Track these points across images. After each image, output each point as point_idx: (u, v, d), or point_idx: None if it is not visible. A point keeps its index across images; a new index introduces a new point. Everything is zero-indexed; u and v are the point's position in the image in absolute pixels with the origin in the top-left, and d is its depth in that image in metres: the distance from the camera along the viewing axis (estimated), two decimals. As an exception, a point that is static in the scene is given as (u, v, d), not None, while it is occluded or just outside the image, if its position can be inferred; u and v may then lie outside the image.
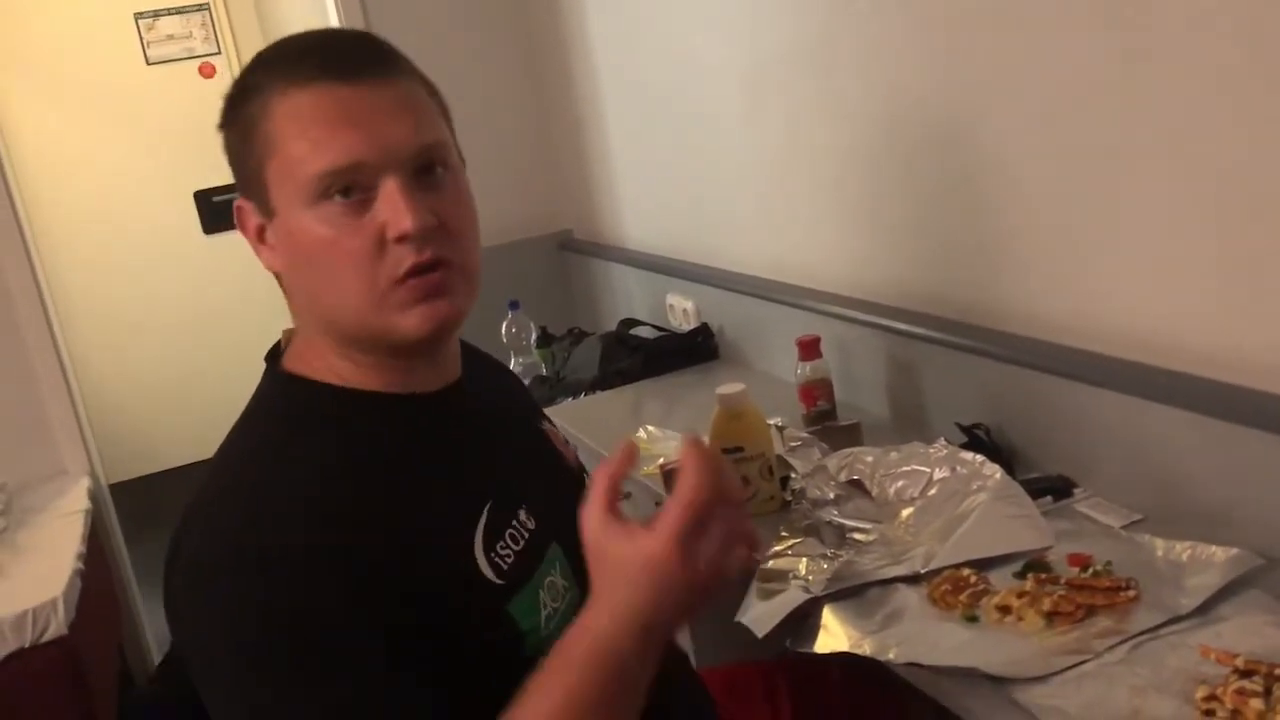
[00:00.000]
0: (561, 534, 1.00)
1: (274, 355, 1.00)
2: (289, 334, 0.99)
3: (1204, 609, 1.13)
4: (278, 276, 0.96)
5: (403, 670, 0.82)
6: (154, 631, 3.02)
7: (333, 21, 2.90)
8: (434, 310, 0.90)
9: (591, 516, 0.82)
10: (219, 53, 4.53)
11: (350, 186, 0.87)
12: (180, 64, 4.47)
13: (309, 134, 0.86)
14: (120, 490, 3.39)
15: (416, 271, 0.88)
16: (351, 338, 0.93)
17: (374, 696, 0.81)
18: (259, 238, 0.94)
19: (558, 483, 1.09)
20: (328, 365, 0.95)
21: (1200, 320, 1.31)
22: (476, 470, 0.98)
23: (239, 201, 0.94)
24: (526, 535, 0.96)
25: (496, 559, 0.93)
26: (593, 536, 0.83)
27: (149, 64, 4.47)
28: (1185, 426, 1.30)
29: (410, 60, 0.94)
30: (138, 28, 4.47)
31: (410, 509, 0.89)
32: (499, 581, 0.92)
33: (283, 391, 0.96)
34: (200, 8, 4.54)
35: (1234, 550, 1.20)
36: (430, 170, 0.90)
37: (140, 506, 3.66)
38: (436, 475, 0.94)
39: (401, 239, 0.87)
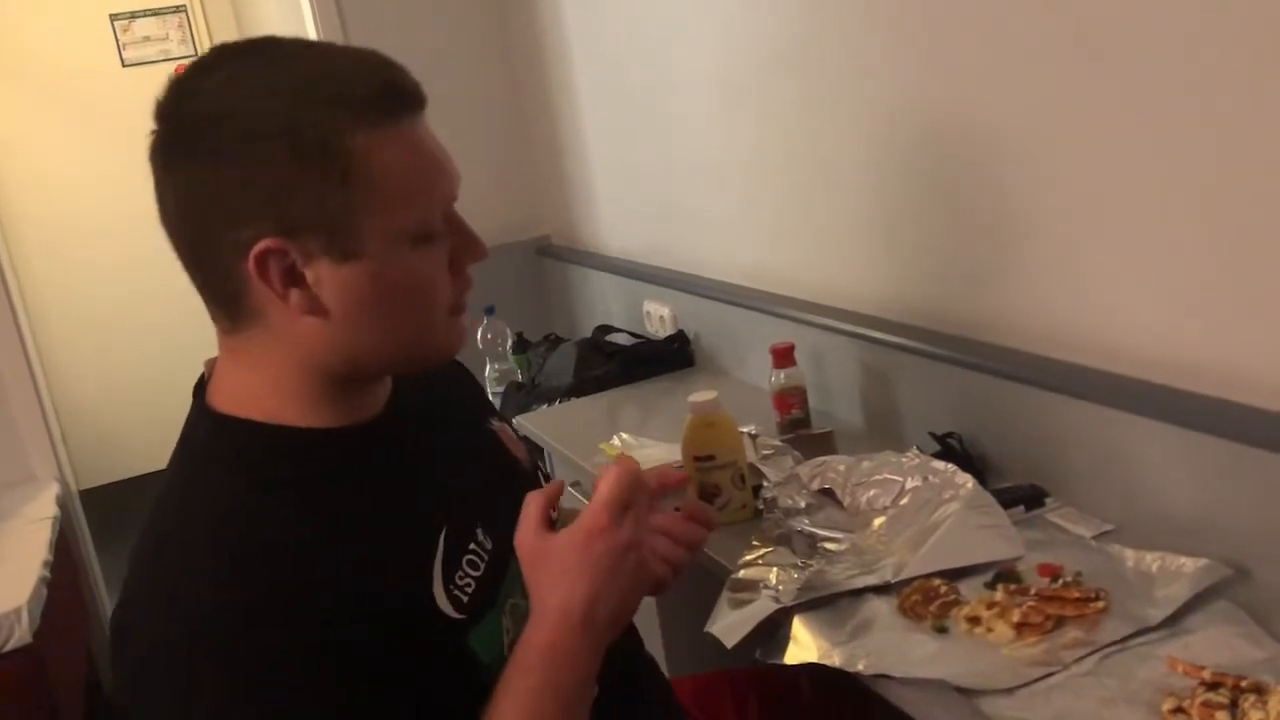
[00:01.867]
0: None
1: (200, 387, 0.94)
2: (212, 364, 0.94)
3: (1173, 620, 1.13)
4: (226, 324, 0.89)
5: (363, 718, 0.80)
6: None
7: (309, 24, 2.88)
8: (464, 327, 0.94)
9: (528, 530, 0.88)
10: (195, 55, 4.49)
11: (442, 222, 0.88)
12: (156, 66, 4.44)
13: (421, 175, 0.86)
14: (91, 496, 3.35)
15: None
16: (369, 371, 0.91)
17: None
18: (289, 281, 0.83)
19: (512, 490, 1.06)
20: (274, 405, 0.89)
21: (1173, 331, 1.31)
22: (428, 494, 0.95)
23: (271, 242, 0.81)
24: (486, 557, 0.94)
25: (456, 591, 0.90)
26: (530, 543, 0.88)
27: (125, 65, 4.45)
28: (1157, 437, 1.30)
29: None
30: (114, 29, 4.44)
31: (362, 554, 0.85)
32: (459, 616, 0.89)
33: (218, 436, 0.90)
34: (177, 9, 4.51)
35: (1203, 561, 1.20)
36: None
37: (111, 513, 3.62)
38: (386, 514, 0.90)
39: (465, 265, 0.90)
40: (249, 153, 0.81)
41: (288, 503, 0.86)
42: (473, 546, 0.94)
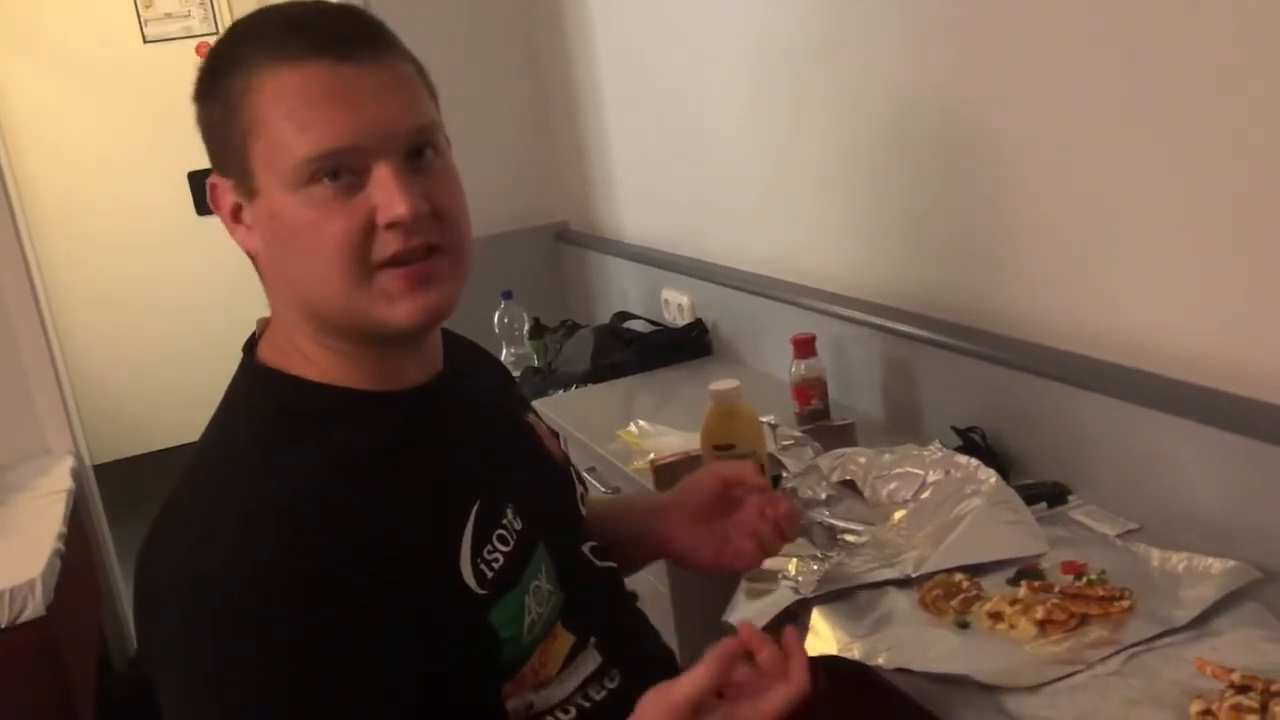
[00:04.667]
0: (547, 534, 0.97)
1: (250, 345, 0.95)
2: (264, 322, 0.95)
3: (1199, 621, 1.12)
4: (253, 259, 0.92)
5: (375, 692, 0.80)
6: (134, 615, 2.99)
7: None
8: (423, 300, 0.87)
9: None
10: (217, 33, 4.49)
11: (339, 170, 0.84)
12: (178, 43, 4.43)
13: (298, 115, 0.83)
14: (105, 471, 3.37)
15: (404, 259, 0.86)
16: (333, 325, 0.89)
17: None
18: (234, 217, 0.90)
19: (543, 480, 1.06)
20: (305, 357, 0.91)
21: (1203, 328, 1.29)
22: (463, 469, 0.94)
23: (213, 179, 0.90)
24: (515, 536, 0.93)
25: (483, 565, 0.89)
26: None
27: (146, 42, 4.44)
28: (1184, 435, 1.29)
29: (397, 36, 0.90)
30: (135, 5, 4.44)
31: (391, 521, 0.85)
32: (481, 591, 0.89)
33: (258, 389, 0.92)
34: (199, -13, 4.50)
35: (1231, 562, 1.18)
36: (420, 153, 0.87)
37: (125, 488, 3.63)
38: (420, 480, 0.90)
39: (393, 225, 0.84)
40: (201, 94, 0.88)
41: (319, 459, 0.86)
42: (504, 523, 0.93)
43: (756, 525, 1.12)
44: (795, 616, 1.25)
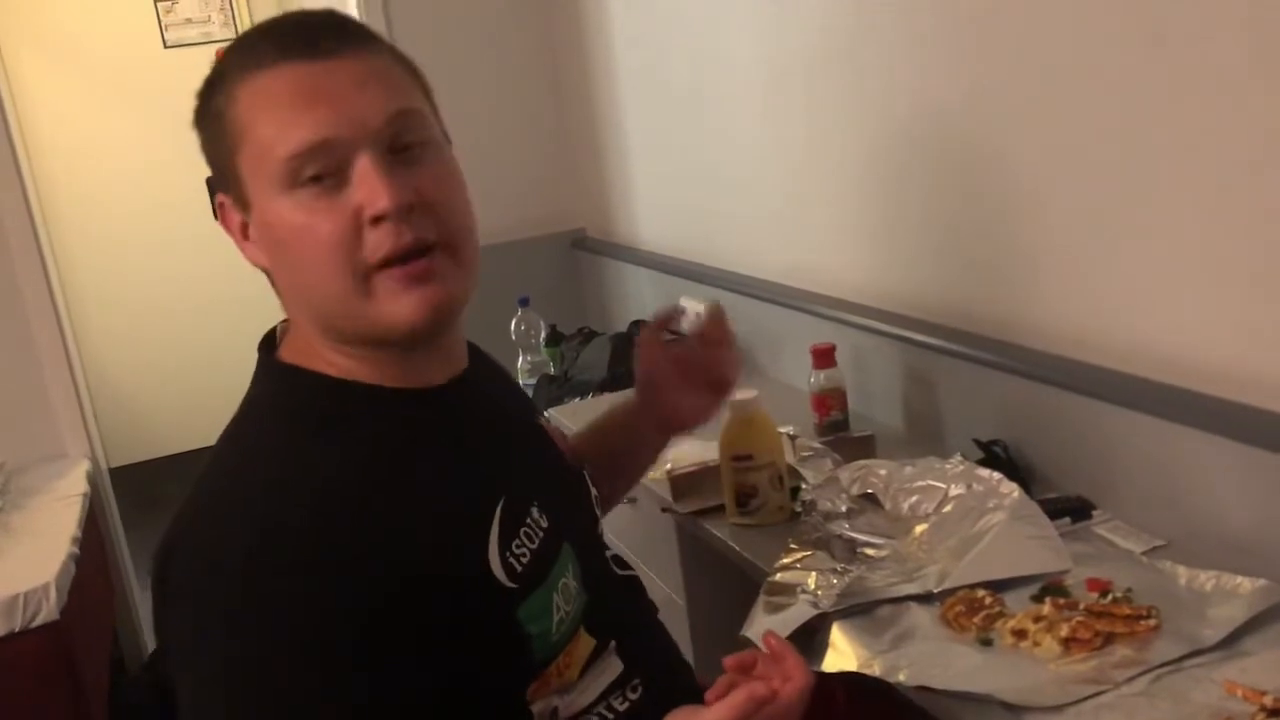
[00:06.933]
0: (571, 534, 0.97)
1: (268, 343, 0.95)
2: (285, 324, 0.95)
3: (1228, 642, 1.09)
4: (266, 274, 0.91)
5: (399, 685, 0.79)
6: (149, 619, 2.98)
7: (352, 11, 2.87)
8: (426, 295, 0.84)
9: None
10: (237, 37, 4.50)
11: (322, 170, 0.82)
12: (198, 48, 4.45)
13: (274, 116, 0.82)
14: (121, 475, 3.37)
15: (399, 258, 0.84)
16: (342, 331, 0.88)
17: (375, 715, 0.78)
18: (243, 234, 0.89)
19: (563, 481, 1.05)
20: (327, 360, 0.90)
21: (1231, 341, 1.27)
22: (488, 465, 0.94)
23: (221, 197, 0.89)
24: (541, 533, 0.92)
25: (512, 559, 0.88)
26: None
27: (166, 47, 4.46)
28: (1212, 450, 1.26)
29: (374, 31, 0.91)
30: (156, 10, 4.45)
31: (416, 514, 0.85)
32: (511, 585, 0.88)
33: (281, 386, 0.91)
34: (220, -8, 4.52)
35: (1261, 581, 1.16)
36: (407, 146, 0.85)
37: (141, 492, 3.64)
38: (444, 474, 0.90)
39: (378, 219, 0.82)
40: (197, 118, 0.89)
41: (343, 451, 0.85)
42: (529, 520, 0.92)
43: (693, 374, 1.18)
44: (814, 631, 1.23)
